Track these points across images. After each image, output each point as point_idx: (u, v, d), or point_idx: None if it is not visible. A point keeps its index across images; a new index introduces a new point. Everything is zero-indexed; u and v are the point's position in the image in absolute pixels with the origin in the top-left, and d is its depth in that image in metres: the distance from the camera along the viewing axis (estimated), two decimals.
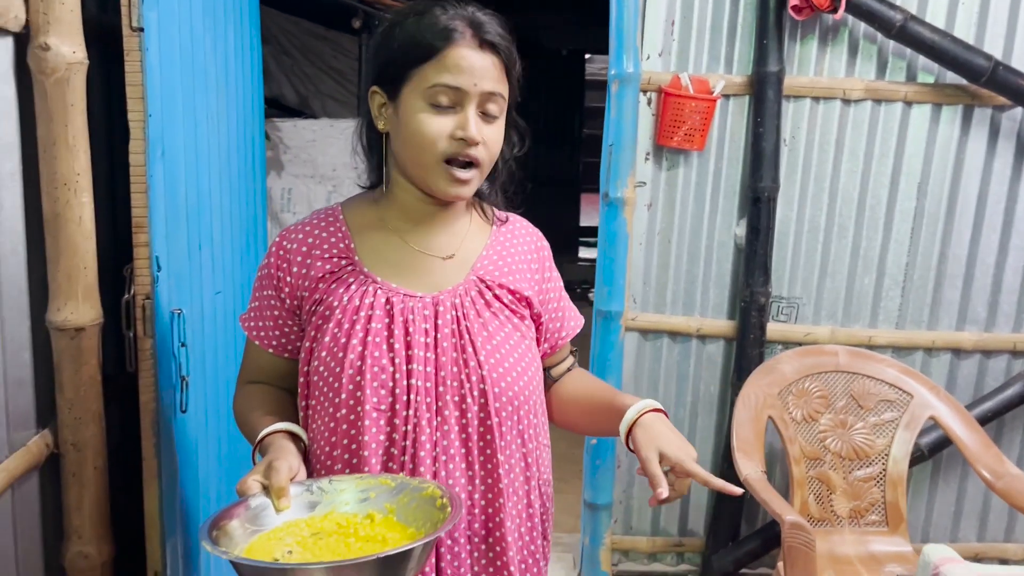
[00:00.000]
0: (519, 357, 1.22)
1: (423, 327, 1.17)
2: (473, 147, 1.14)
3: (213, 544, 0.96)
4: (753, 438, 2.25)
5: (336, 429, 1.17)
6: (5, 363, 1.53)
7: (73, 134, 1.58)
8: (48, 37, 1.52)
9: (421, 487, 1.09)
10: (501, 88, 1.15)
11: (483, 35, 1.13)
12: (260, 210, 2.37)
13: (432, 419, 1.17)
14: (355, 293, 1.18)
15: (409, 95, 1.14)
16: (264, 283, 1.27)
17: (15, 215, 1.54)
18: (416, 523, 1.06)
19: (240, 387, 1.34)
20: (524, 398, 1.22)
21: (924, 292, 2.65)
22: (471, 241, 1.26)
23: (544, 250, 1.34)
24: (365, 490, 1.11)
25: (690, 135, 2.50)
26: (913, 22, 2.37)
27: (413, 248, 1.22)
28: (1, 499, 1.52)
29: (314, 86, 6.57)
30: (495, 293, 1.23)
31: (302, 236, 1.23)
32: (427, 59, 1.12)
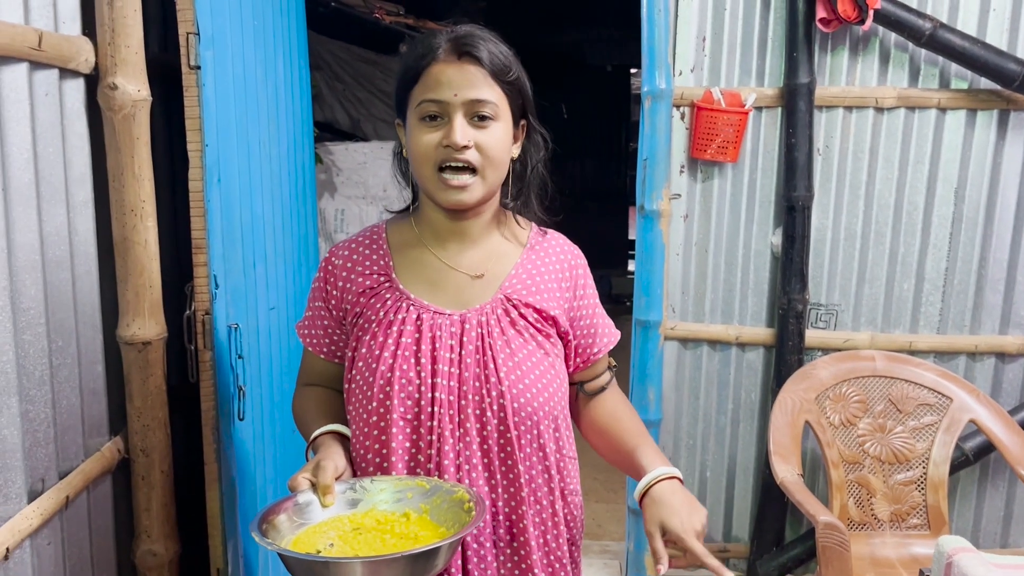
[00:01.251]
0: (540, 374, 1.27)
1: (449, 343, 1.24)
2: (461, 151, 1.19)
3: (261, 536, 1.06)
4: (790, 442, 2.28)
5: (368, 434, 1.26)
6: (81, 375, 1.67)
7: (139, 164, 1.72)
8: (116, 77, 1.67)
9: (452, 490, 1.17)
10: (486, 93, 1.20)
11: (461, 48, 1.20)
12: (311, 229, 2.50)
13: (455, 430, 1.23)
14: (390, 308, 1.27)
15: (410, 117, 1.24)
16: (315, 295, 1.37)
17: (88, 239, 1.69)
18: (446, 523, 1.14)
19: (298, 388, 1.44)
20: (544, 413, 1.27)
21: (965, 297, 2.65)
22: (501, 260, 1.31)
23: (578, 268, 1.36)
24: (402, 490, 1.19)
25: (723, 147, 2.56)
26: (942, 30, 2.40)
27: (445, 265, 1.29)
28: (78, 500, 1.66)
29: (366, 109, 6.76)
30: (521, 312, 1.27)
31: (347, 252, 1.33)
32: (415, 81, 1.22)
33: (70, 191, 1.62)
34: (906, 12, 2.40)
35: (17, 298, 1.46)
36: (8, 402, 1.43)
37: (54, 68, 1.55)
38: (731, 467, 2.81)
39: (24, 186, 1.47)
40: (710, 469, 2.82)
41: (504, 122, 1.24)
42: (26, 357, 1.49)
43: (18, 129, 1.45)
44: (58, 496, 1.56)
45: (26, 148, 1.47)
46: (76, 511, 1.65)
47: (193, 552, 1.99)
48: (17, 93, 1.45)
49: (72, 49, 1.59)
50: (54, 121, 1.57)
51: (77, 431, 1.67)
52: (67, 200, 1.61)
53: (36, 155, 1.50)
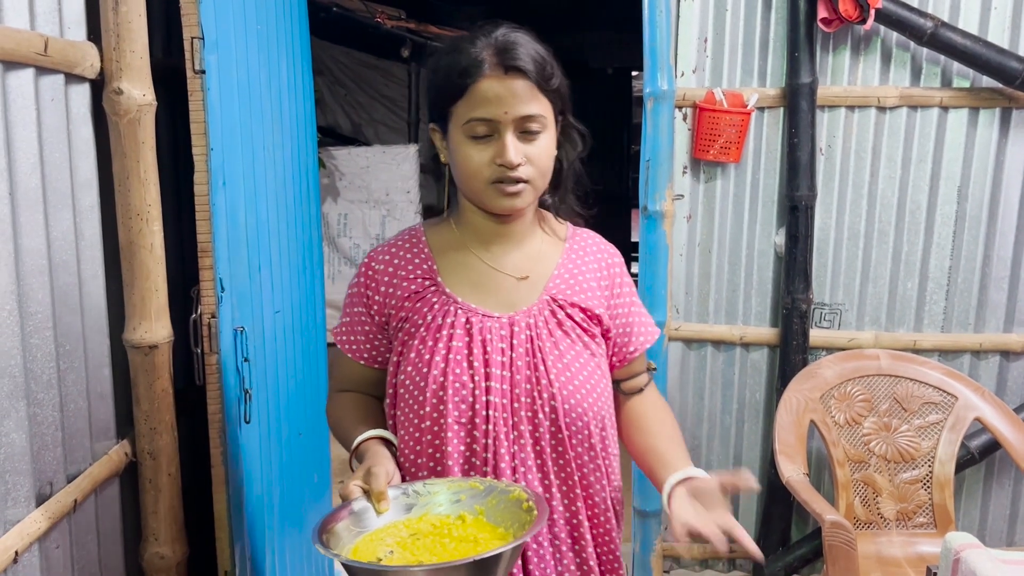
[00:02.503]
0: (588, 375, 1.28)
1: (499, 347, 1.24)
2: (515, 169, 1.19)
3: (325, 547, 1.02)
4: (795, 441, 2.29)
5: (421, 439, 1.25)
6: (88, 378, 1.68)
7: (144, 169, 1.73)
8: (121, 82, 1.67)
9: (508, 490, 1.15)
10: (535, 108, 1.19)
11: (507, 62, 1.17)
12: (315, 233, 2.51)
13: (509, 433, 1.24)
14: (437, 312, 1.26)
15: (453, 131, 1.22)
16: (354, 300, 1.35)
17: (94, 244, 1.69)
18: (504, 524, 1.12)
19: (332, 395, 1.42)
20: (593, 414, 1.28)
21: (969, 295, 2.65)
22: (543, 261, 1.31)
23: (615, 266, 1.37)
24: (456, 492, 1.17)
25: (726, 148, 2.57)
26: (944, 28, 2.40)
27: (489, 267, 1.28)
28: (86, 503, 1.66)
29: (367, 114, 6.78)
30: (567, 312, 1.28)
31: (388, 257, 1.32)
32: (459, 97, 1.19)
33: (76, 196, 1.63)
34: (907, 11, 2.40)
35: (24, 302, 1.47)
36: (16, 406, 1.43)
37: (60, 73, 1.56)
38: (736, 467, 2.81)
39: (31, 191, 1.48)
40: (715, 469, 2.81)
41: (550, 130, 1.23)
42: (34, 361, 1.50)
43: (24, 134, 1.46)
44: (66, 500, 1.57)
45: (32, 153, 1.48)
46: (84, 514, 1.66)
47: (200, 555, 2.00)
48: (23, 98, 1.45)
49: (77, 54, 1.60)
50: (60, 126, 1.57)
51: (84, 435, 1.67)
52: (73, 205, 1.62)
53: (42, 160, 1.51)
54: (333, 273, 5.67)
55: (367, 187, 5.57)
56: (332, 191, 5.59)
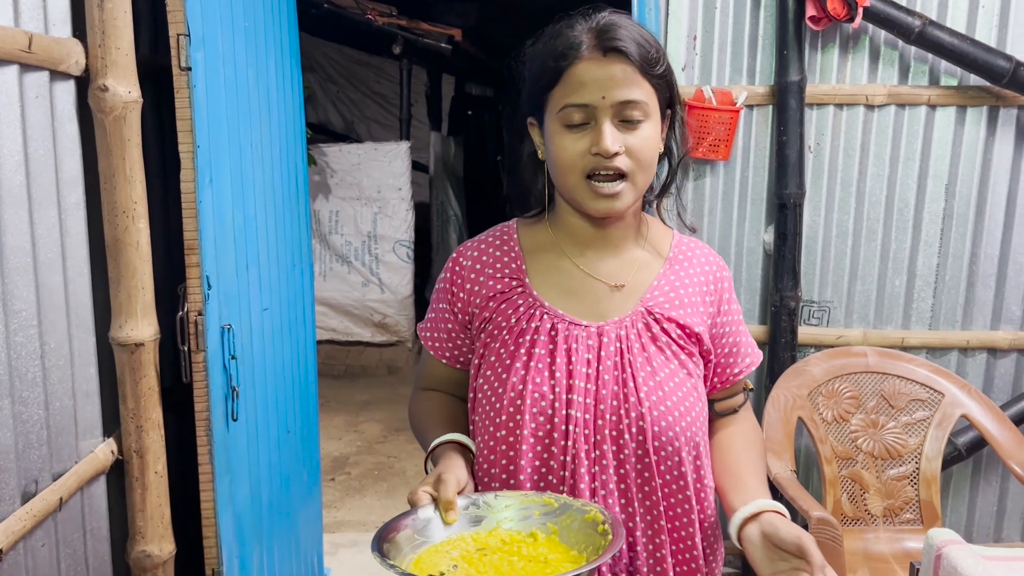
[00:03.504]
0: (683, 396, 1.17)
1: (585, 357, 1.15)
2: (612, 159, 1.10)
3: (382, 557, 0.97)
4: (783, 438, 2.29)
5: (496, 448, 1.18)
6: (74, 377, 1.67)
7: (130, 166, 1.72)
8: (106, 79, 1.67)
9: (584, 509, 1.07)
10: (636, 93, 1.10)
11: (606, 43, 1.09)
12: (304, 231, 2.51)
13: (590, 451, 1.15)
14: (522, 316, 1.18)
15: (549, 121, 1.14)
16: (440, 296, 1.28)
17: (80, 241, 1.69)
18: (578, 546, 1.05)
19: (416, 392, 1.36)
20: (686, 439, 1.17)
21: (957, 292, 2.66)
22: (643, 270, 1.21)
23: (723, 281, 1.26)
24: (528, 507, 1.09)
25: (715, 146, 2.57)
26: (932, 27, 2.41)
27: (583, 272, 1.20)
28: (72, 501, 1.66)
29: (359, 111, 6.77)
30: (663, 327, 1.18)
31: (476, 254, 1.25)
32: (555, 83, 1.11)
33: (61, 193, 1.62)
34: (895, 9, 2.41)
35: (9, 300, 1.46)
36: (0, 404, 1.43)
37: (44, 70, 1.55)
38: None
39: (15, 188, 1.47)
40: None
41: (654, 120, 1.13)
42: (19, 359, 1.49)
43: (9, 131, 1.45)
44: (51, 498, 1.56)
45: (17, 150, 1.47)
46: (70, 513, 1.65)
47: (188, 553, 1.99)
48: (7, 95, 1.45)
49: (62, 51, 1.59)
50: (45, 123, 1.57)
51: (70, 433, 1.67)
52: (59, 202, 1.61)
53: (27, 157, 1.51)
54: (324, 271, 5.66)
55: (359, 184, 5.56)
56: (323, 188, 5.58)
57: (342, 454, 4.30)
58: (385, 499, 3.72)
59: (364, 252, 5.62)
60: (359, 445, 4.42)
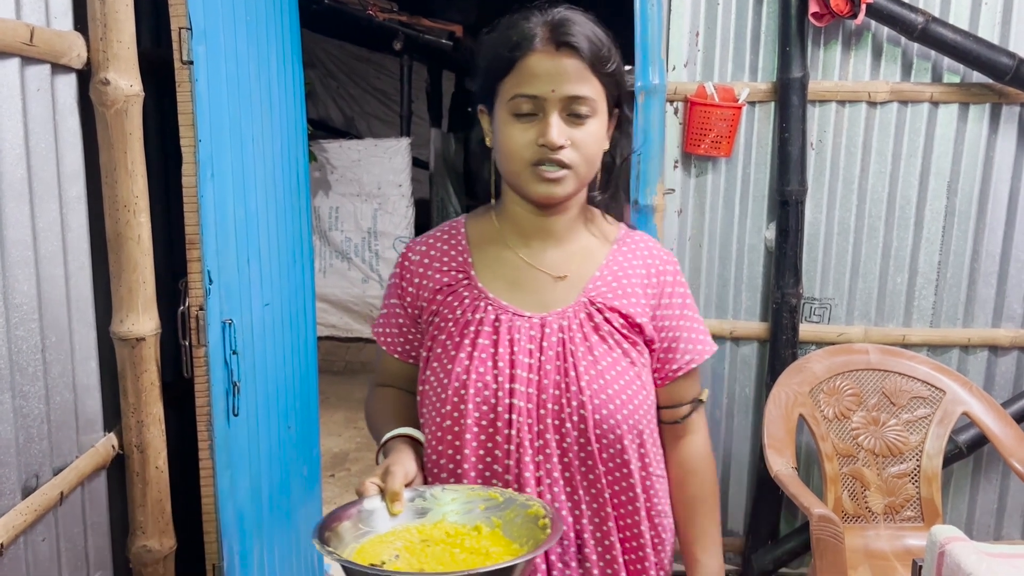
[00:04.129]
0: (624, 385, 1.18)
1: (528, 347, 1.17)
2: (557, 151, 1.12)
3: (323, 544, 0.97)
4: (784, 435, 2.29)
5: (442, 439, 1.19)
6: (74, 371, 1.67)
7: (132, 160, 1.72)
8: (108, 73, 1.66)
9: (527, 504, 1.09)
10: (585, 89, 1.12)
11: (559, 38, 1.11)
12: (305, 226, 2.50)
13: (534, 440, 1.16)
14: (467, 307, 1.20)
15: (499, 109, 1.16)
16: (391, 292, 1.31)
17: (81, 235, 1.68)
18: (520, 539, 1.06)
19: (371, 390, 1.38)
20: (628, 427, 1.18)
21: (958, 290, 2.66)
22: (586, 261, 1.24)
23: (666, 273, 1.27)
24: (473, 501, 1.11)
25: (717, 142, 2.57)
26: (935, 24, 2.40)
27: (526, 263, 1.22)
28: (73, 496, 1.65)
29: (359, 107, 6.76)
30: (606, 316, 1.20)
31: (425, 248, 1.27)
32: (507, 72, 1.13)
33: (63, 187, 1.62)
34: (898, 6, 2.40)
35: (10, 294, 1.46)
36: (1, 398, 1.43)
37: (46, 63, 1.55)
38: (725, 461, 2.82)
39: (16, 182, 1.47)
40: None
41: (600, 117, 1.16)
42: (19, 353, 1.49)
43: (10, 125, 1.45)
44: (52, 492, 1.56)
45: (18, 144, 1.47)
46: (70, 507, 1.65)
47: (188, 548, 1.99)
48: (9, 88, 1.44)
49: (64, 44, 1.58)
50: (46, 117, 1.56)
51: (71, 427, 1.66)
52: (60, 196, 1.60)
53: (28, 151, 1.50)
54: (324, 267, 5.66)
55: (359, 180, 5.56)
56: (324, 184, 5.58)
57: (342, 450, 4.29)
58: None
59: (364, 248, 5.62)
60: (359, 442, 4.42)
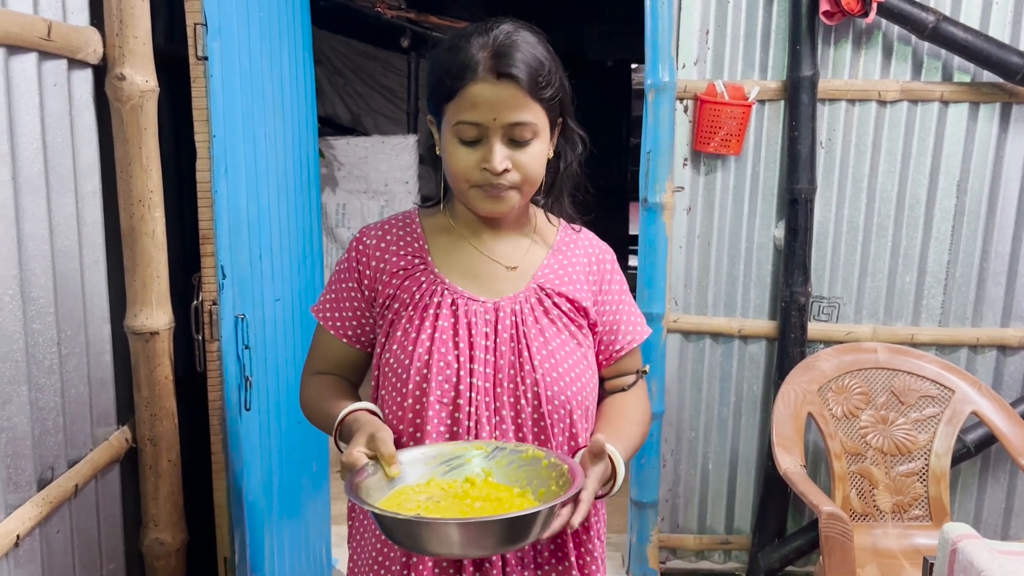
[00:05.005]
0: (573, 364, 1.27)
1: (484, 330, 1.24)
2: (500, 176, 1.19)
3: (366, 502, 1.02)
4: (793, 433, 2.30)
5: (403, 417, 1.24)
6: (89, 365, 1.68)
7: (146, 155, 1.73)
8: (123, 68, 1.67)
9: (519, 450, 1.16)
10: (525, 115, 1.18)
11: (500, 68, 1.16)
12: (315, 223, 2.51)
13: (491, 417, 1.23)
14: (425, 291, 1.26)
15: (445, 130, 1.21)
16: (344, 276, 1.33)
17: (96, 230, 1.69)
18: (520, 482, 1.13)
19: (308, 377, 1.39)
20: (577, 403, 1.27)
21: (967, 289, 2.66)
22: (533, 253, 1.32)
23: (605, 262, 1.37)
24: (459, 456, 1.16)
25: (727, 140, 2.57)
26: (945, 23, 2.40)
27: (481, 253, 1.29)
28: (87, 488, 1.67)
29: (366, 104, 6.75)
30: (554, 301, 1.28)
31: (380, 233, 1.32)
32: (451, 98, 1.18)
33: (78, 181, 1.63)
34: (909, 5, 2.40)
35: (27, 287, 1.47)
36: (18, 391, 1.44)
37: (63, 58, 1.56)
38: (733, 459, 2.82)
39: (33, 176, 1.48)
40: (712, 461, 2.83)
41: (542, 138, 1.22)
42: (35, 346, 1.50)
43: (27, 119, 1.46)
44: (67, 484, 1.58)
45: (35, 138, 1.48)
46: (85, 500, 1.66)
47: (200, 541, 2.00)
48: (27, 83, 1.45)
49: (80, 40, 1.59)
50: (63, 111, 1.57)
51: (86, 420, 1.68)
52: (76, 190, 1.62)
53: (45, 145, 1.51)
54: (332, 263, 5.66)
55: (365, 177, 5.56)
56: (330, 181, 5.58)
57: None
58: None
59: None
60: None
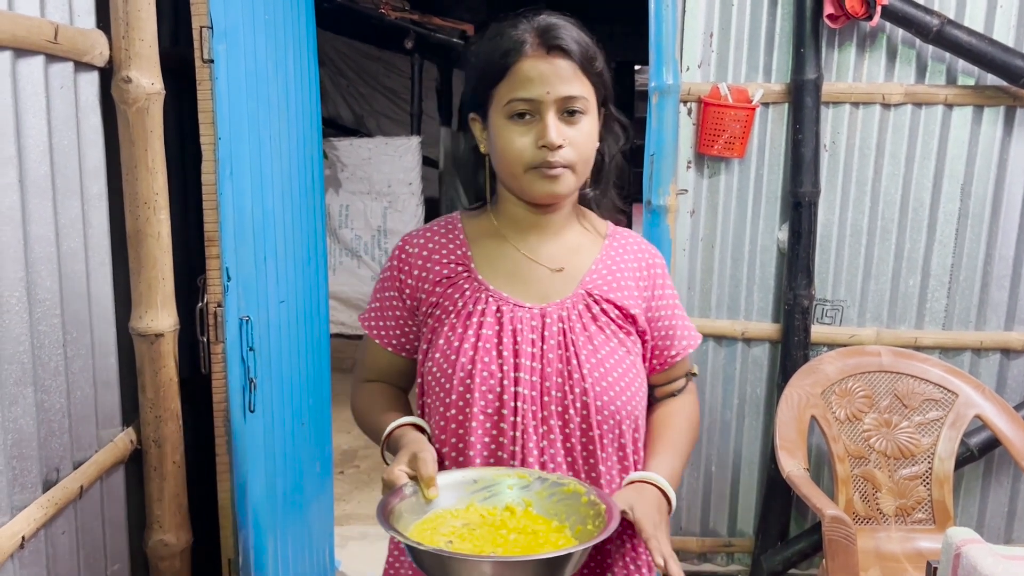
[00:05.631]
0: (623, 372, 1.23)
1: (530, 337, 1.21)
2: (556, 152, 1.16)
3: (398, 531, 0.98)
4: (796, 436, 2.30)
5: (446, 428, 1.22)
6: (94, 366, 1.69)
7: (152, 157, 1.73)
8: (129, 71, 1.68)
9: (560, 483, 1.12)
10: (578, 89, 1.17)
11: (549, 41, 1.16)
12: (319, 224, 2.51)
13: (538, 427, 1.20)
14: (468, 299, 1.23)
15: (494, 115, 1.19)
16: (386, 285, 1.32)
17: (101, 232, 1.70)
18: (559, 516, 1.09)
19: (358, 385, 1.38)
20: (626, 412, 1.23)
21: (971, 293, 2.66)
22: (581, 255, 1.28)
23: (656, 267, 1.33)
24: (500, 482, 1.13)
25: (730, 143, 2.57)
26: (950, 26, 2.40)
27: (525, 256, 1.26)
28: (92, 490, 1.67)
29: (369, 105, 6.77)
30: (602, 308, 1.24)
31: (423, 241, 1.29)
32: (501, 78, 1.17)
33: (84, 183, 1.63)
34: (914, 8, 2.40)
35: (33, 289, 1.47)
36: (24, 392, 1.44)
37: (69, 61, 1.56)
38: (736, 462, 2.82)
39: (40, 178, 1.48)
40: (715, 463, 2.83)
41: (592, 115, 1.21)
42: (41, 348, 1.50)
43: (34, 122, 1.46)
44: (72, 486, 1.58)
45: (42, 141, 1.48)
46: (90, 501, 1.67)
47: (205, 542, 2.00)
48: (33, 86, 1.46)
49: (87, 42, 1.60)
50: (69, 114, 1.58)
51: (91, 421, 1.68)
52: (82, 192, 1.62)
53: (51, 147, 1.52)
54: (335, 265, 5.67)
55: (369, 179, 5.57)
56: (334, 182, 5.59)
57: (351, 447, 4.31)
58: None
59: (374, 247, 5.63)
60: (367, 439, 4.42)
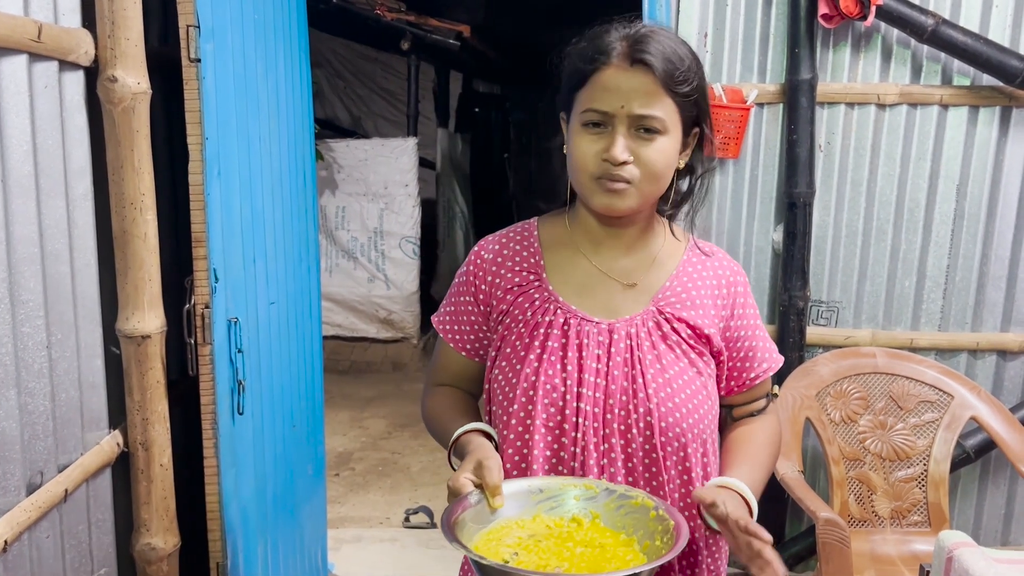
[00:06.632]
0: (692, 394, 1.20)
1: (596, 352, 1.19)
2: (620, 167, 1.13)
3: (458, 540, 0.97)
4: (791, 439, 2.28)
5: (508, 437, 1.20)
6: (80, 368, 1.67)
7: (138, 158, 1.72)
8: (115, 70, 1.66)
9: (628, 495, 1.10)
10: (655, 109, 1.12)
11: (635, 54, 1.12)
12: (311, 225, 2.50)
13: (599, 443, 1.18)
14: (537, 309, 1.21)
15: (573, 119, 1.18)
16: (462, 288, 1.30)
17: (87, 232, 1.68)
18: (627, 529, 1.07)
19: (430, 388, 1.37)
20: (693, 435, 1.20)
21: (966, 294, 2.64)
22: (656, 270, 1.24)
23: (737, 285, 1.27)
24: (568, 493, 1.12)
25: (725, 143, 2.56)
26: (945, 26, 2.39)
27: (597, 269, 1.23)
28: (77, 493, 1.66)
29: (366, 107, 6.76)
30: (673, 326, 1.21)
31: (498, 247, 1.28)
32: (582, 85, 1.15)
33: (69, 184, 1.62)
34: (908, 8, 2.39)
35: (16, 290, 1.46)
36: (6, 394, 1.43)
37: (54, 60, 1.55)
38: None
39: (23, 178, 1.47)
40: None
41: (672, 135, 1.15)
42: (25, 350, 1.49)
43: (17, 121, 1.45)
44: (56, 489, 1.56)
45: (25, 140, 1.47)
46: (75, 504, 1.65)
47: (193, 546, 1.99)
48: (17, 85, 1.44)
49: (72, 41, 1.58)
50: (54, 113, 1.56)
51: (76, 424, 1.66)
52: (66, 193, 1.61)
53: (36, 147, 1.50)
54: (331, 266, 5.66)
55: (365, 180, 5.56)
56: (330, 184, 5.58)
57: (346, 450, 4.29)
58: (389, 495, 3.71)
59: (370, 248, 5.62)
60: (363, 441, 4.42)
